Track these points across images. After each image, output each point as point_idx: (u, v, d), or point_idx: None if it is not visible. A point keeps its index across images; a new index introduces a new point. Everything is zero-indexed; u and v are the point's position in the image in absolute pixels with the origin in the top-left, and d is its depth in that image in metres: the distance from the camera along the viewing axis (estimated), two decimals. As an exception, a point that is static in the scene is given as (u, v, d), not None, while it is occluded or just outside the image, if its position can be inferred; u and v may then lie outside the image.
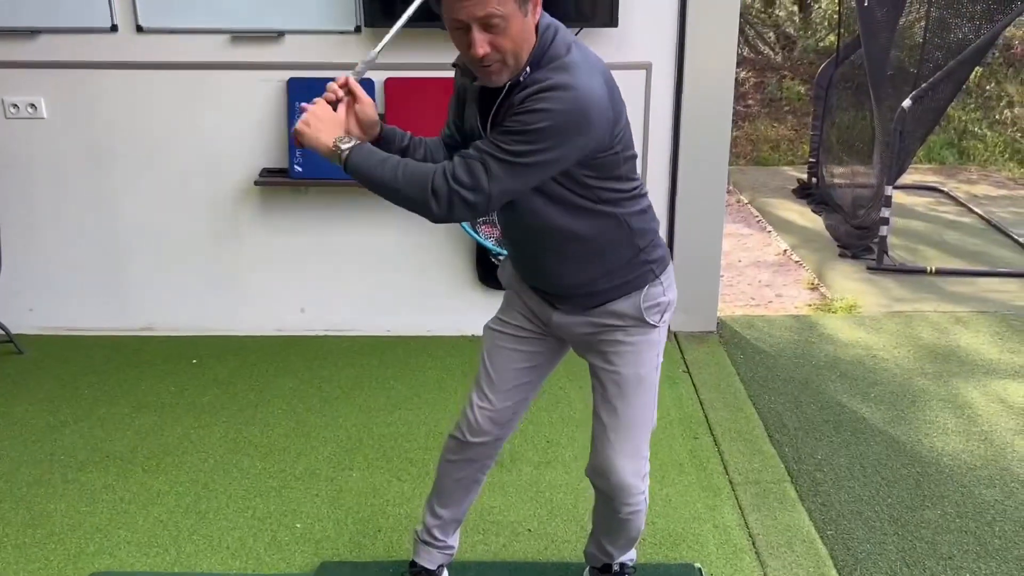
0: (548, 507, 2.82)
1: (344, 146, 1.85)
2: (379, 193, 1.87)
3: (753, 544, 2.64)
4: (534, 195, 1.88)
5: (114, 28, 3.75)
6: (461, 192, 1.78)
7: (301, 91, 3.76)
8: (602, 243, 1.96)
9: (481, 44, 1.73)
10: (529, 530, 2.71)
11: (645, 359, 2.06)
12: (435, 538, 2.34)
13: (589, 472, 2.15)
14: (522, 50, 1.77)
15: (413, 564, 2.39)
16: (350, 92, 1.92)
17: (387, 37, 1.96)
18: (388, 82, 3.75)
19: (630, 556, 2.35)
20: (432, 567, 2.36)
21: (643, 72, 3.80)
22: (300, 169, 3.82)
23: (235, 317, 4.14)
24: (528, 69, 1.80)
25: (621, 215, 1.96)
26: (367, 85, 3.70)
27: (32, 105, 3.88)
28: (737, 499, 2.86)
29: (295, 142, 1.98)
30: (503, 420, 2.19)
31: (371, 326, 4.08)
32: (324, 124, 1.88)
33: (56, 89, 3.86)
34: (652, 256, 2.03)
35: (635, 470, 2.08)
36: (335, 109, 1.91)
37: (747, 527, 2.72)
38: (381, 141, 1.99)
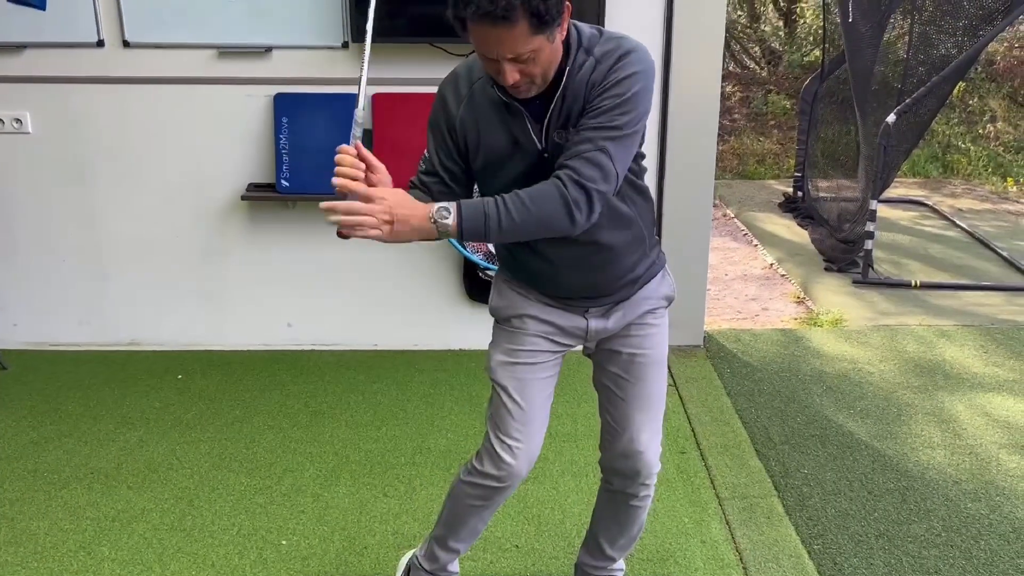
0: (536, 523, 2.81)
1: (446, 218, 1.73)
2: (504, 238, 1.79)
3: (740, 559, 2.64)
4: None
5: (100, 43, 3.75)
6: (599, 187, 1.77)
7: (288, 106, 3.76)
8: (640, 225, 1.99)
9: (511, 74, 1.73)
10: (516, 546, 2.70)
11: (665, 339, 2.13)
12: (447, 571, 2.29)
13: (610, 460, 2.14)
14: (551, 67, 1.78)
15: None
16: (365, 163, 1.81)
17: (361, 91, 1.92)
18: (376, 97, 3.75)
19: (620, 566, 2.34)
20: None
21: (629, 87, 3.81)
22: (287, 184, 3.82)
23: (221, 332, 4.12)
24: (572, 57, 1.80)
25: (646, 189, 2.01)
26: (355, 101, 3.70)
27: (17, 120, 3.86)
28: (724, 514, 2.86)
29: (386, 240, 1.77)
30: (536, 453, 2.10)
31: (358, 341, 4.07)
32: (405, 208, 1.73)
33: (42, 104, 3.85)
34: (657, 236, 2.10)
35: (657, 448, 2.13)
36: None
37: (734, 542, 2.72)
38: None
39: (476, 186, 2.02)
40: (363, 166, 1.80)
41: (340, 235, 1.78)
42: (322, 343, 4.11)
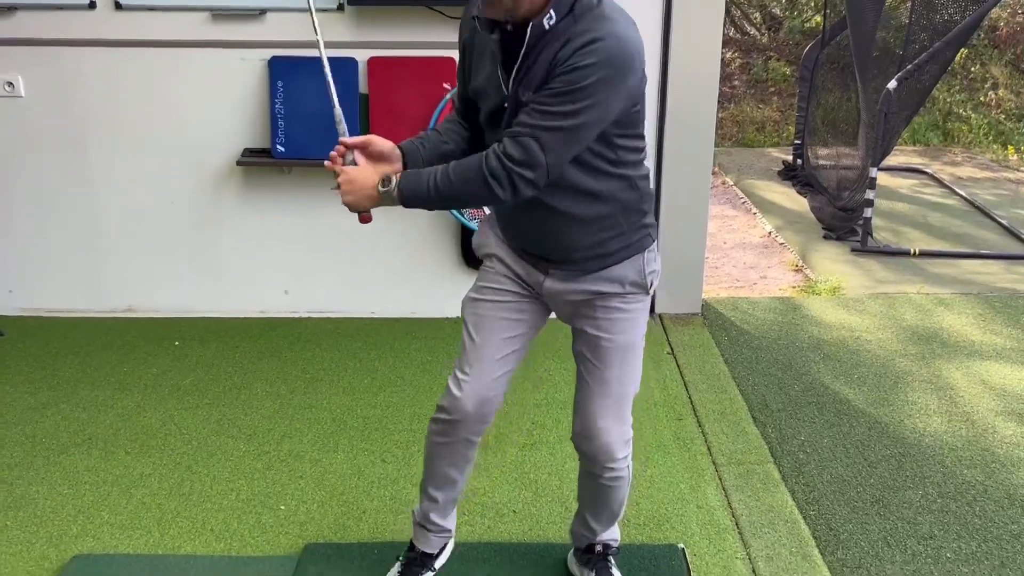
0: (533, 489, 2.82)
1: (388, 186, 1.89)
2: (443, 207, 1.96)
3: (736, 524, 2.65)
4: None
5: (92, 5, 3.69)
6: (518, 171, 1.79)
7: (283, 70, 3.72)
8: (615, 205, 1.98)
9: None
10: (514, 512, 2.71)
11: (639, 326, 2.09)
12: (431, 522, 2.29)
13: (574, 437, 2.15)
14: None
15: (412, 547, 2.34)
16: (355, 148, 1.96)
17: (331, 91, 2.08)
18: (371, 61, 3.71)
19: (614, 536, 2.35)
20: (432, 551, 2.33)
21: (629, 52, 3.77)
22: (283, 149, 3.78)
23: (217, 299, 4.11)
24: (553, 14, 1.77)
25: (633, 177, 1.99)
26: (350, 65, 3.67)
27: (9, 83, 3.82)
28: (720, 480, 2.87)
29: (356, 215, 1.99)
30: (489, 394, 2.09)
31: (355, 308, 4.06)
32: (357, 181, 1.91)
33: (34, 67, 3.81)
34: (649, 221, 2.07)
35: (620, 434, 2.10)
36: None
37: (730, 507, 2.73)
38: (407, 161, 1.99)
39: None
40: (349, 153, 1.97)
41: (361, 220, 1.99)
42: (319, 310, 4.11)
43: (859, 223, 5.20)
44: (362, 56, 3.72)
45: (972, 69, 8.90)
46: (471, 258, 4.00)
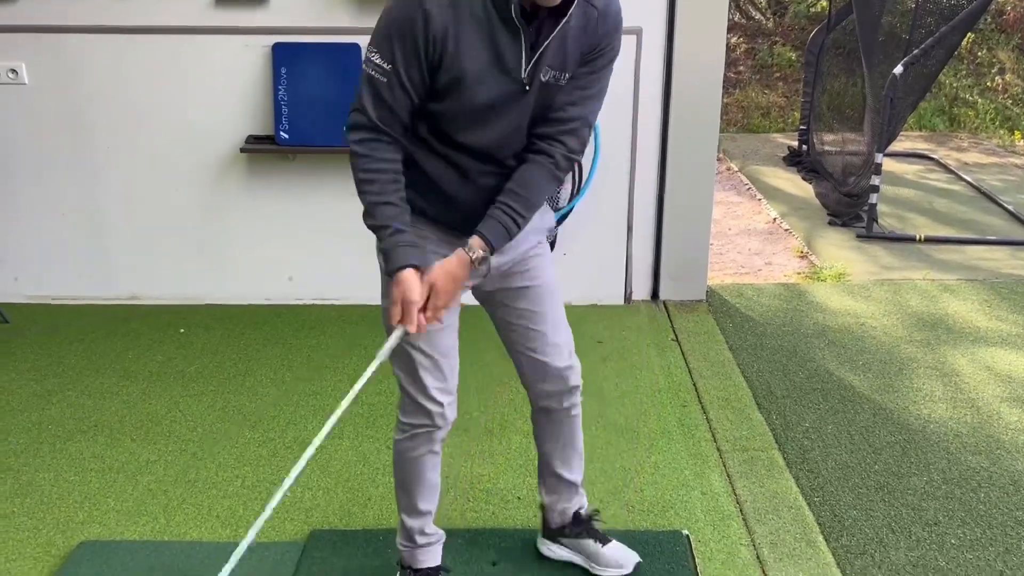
0: (537, 475, 2.82)
1: (486, 264, 1.89)
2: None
3: (740, 511, 2.65)
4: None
5: (95, -9, 3.69)
6: (580, 159, 1.97)
7: (287, 57, 3.71)
8: None
9: None
10: (519, 498, 2.71)
11: (552, 266, 2.18)
12: (428, 535, 2.24)
13: (543, 388, 2.19)
14: None
15: (418, 571, 2.24)
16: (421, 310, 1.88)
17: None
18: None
19: (583, 496, 2.36)
20: (439, 561, 2.27)
21: (633, 37, 3.75)
22: (286, 136, 3.78)
23: (222, 286, 4.11)
24: None
25: None
26: (352, 51, 3.65)
27: (13, 71, 3.81)
28: (725, 466, 2.87)
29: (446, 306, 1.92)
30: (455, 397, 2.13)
31: (359, 295, 4.06)
32: (452, 285, 1.88)
33: (37, 54, 3.80)
34: None
35: (576, 360, 2.21)
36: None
37: (735, 494, 2.73)
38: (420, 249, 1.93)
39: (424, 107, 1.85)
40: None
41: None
42: (323, 297, 4.11)
43: (864, 209, 5.18)
44: (365, 41, 3.69)
45: (979, 54, 8.85)
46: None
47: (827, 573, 2.40)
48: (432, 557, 2.26)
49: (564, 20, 1.77)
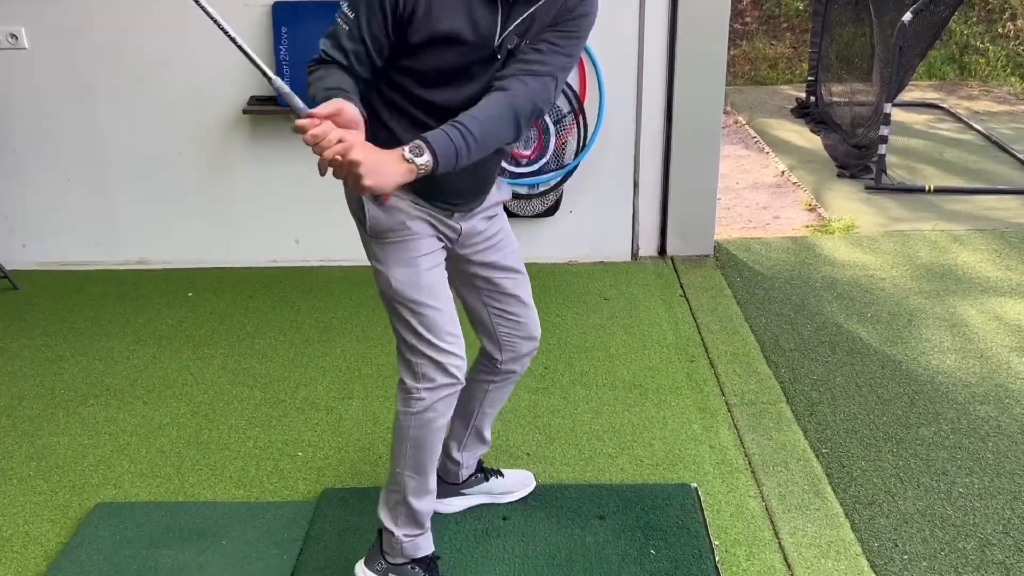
0: (546, 432, 2.84)
1: (422, 159, 1.71)
2: (467, 163, 1.78)
3: (749, 463, 2.67)
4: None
5: (92, -47, 3.64)
6: (543, 110, 1.86)
7: (287, 16, 3.67)
8: None
9: None
10: (528, 454, 2.74)
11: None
12: (429, 516, 2.16)
13: (517, 352, 2.22)
14: None
15: (419, 563, 2.16)
16: (326, 117, 1.69)
17: (255, 59, 1.78)
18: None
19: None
20: (433, 548, 2.21)
21: (638, -10, 3.70)
22: (289, 97, 3.75)
23: (229, 249, 4.12)
24: None
25: None
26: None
27: (13, 35, 3.79)
28: (733, 420, 2.89)
29: (369, 198, 1.84)
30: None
31: (366, 256, 4.05)
32: (381, 162, 1.69)
33: (37, 18, 3.77)
34: None
35: None
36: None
37: (743, 447, 2.75)
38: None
39: (383, 63, 1.84)
40: (324, 125, 1.68)
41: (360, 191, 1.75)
42: (330, 259, 4.11)
43: (873, 160, 5.13)
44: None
45: None
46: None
47: (835, 524, 2.42)
48: (430, 542, 2.19)
49: (538, 2, 1.81)
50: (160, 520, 2.48)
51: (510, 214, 3.98)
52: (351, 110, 1.70)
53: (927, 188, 4.99)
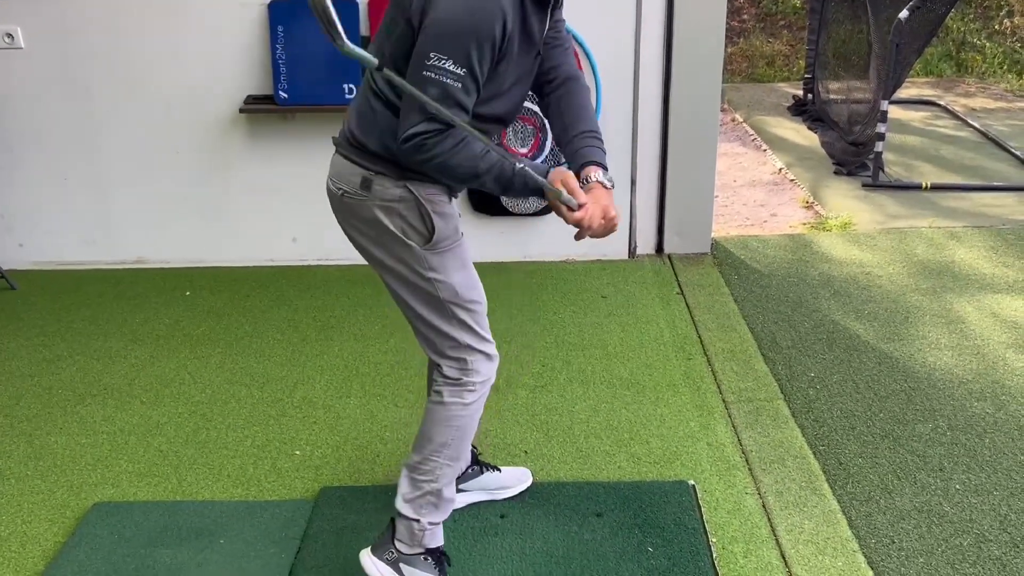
0: (544, 429, 2.85)
1: (610, 179, 1.95)
2: None
3: (746, 460, 2.67)
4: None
5: (88, -48, 3.64)
6: None
7: (283, 15, 3.67)
8: None
9: None
10: (525, 452, 2.74)
11: None
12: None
13: (493, 361, 2.21)
14: None
15: (433, 552, 2.17)
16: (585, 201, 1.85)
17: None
18: (372, 3, 3.65)
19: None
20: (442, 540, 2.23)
21: (634, -13, 3.70)
22: (285, 95, 3.75)
23: (226, 248, 4.12)
24: None
25: None
26: (350, 7, 3.61)
27: (9, 35, 3.78)
28: (730, 417, 2.89)
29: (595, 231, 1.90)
30: None
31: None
32: (612, 204, 1.90)
33: (33, 17, 3.76)
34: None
35: None
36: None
37: (740, 444, 2.75)
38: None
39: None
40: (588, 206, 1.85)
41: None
42: (328, 258, 4.11)
43: (870, 158, 5.14)
44: (362, -2, 3.66)
45: (987, -4, 8.70)
46: (481, 203, 3.98)
47: (833, 520, 2.42)
48: (442, 534, 2.20)
49: None
50: (158, 519, 2.48)
51: (507, 212, 3.99)
52: (567, 173, 1.86)
53: (924, 185, 5.00)
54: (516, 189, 1.84)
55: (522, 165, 1.80)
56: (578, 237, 1.88)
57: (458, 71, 1.71)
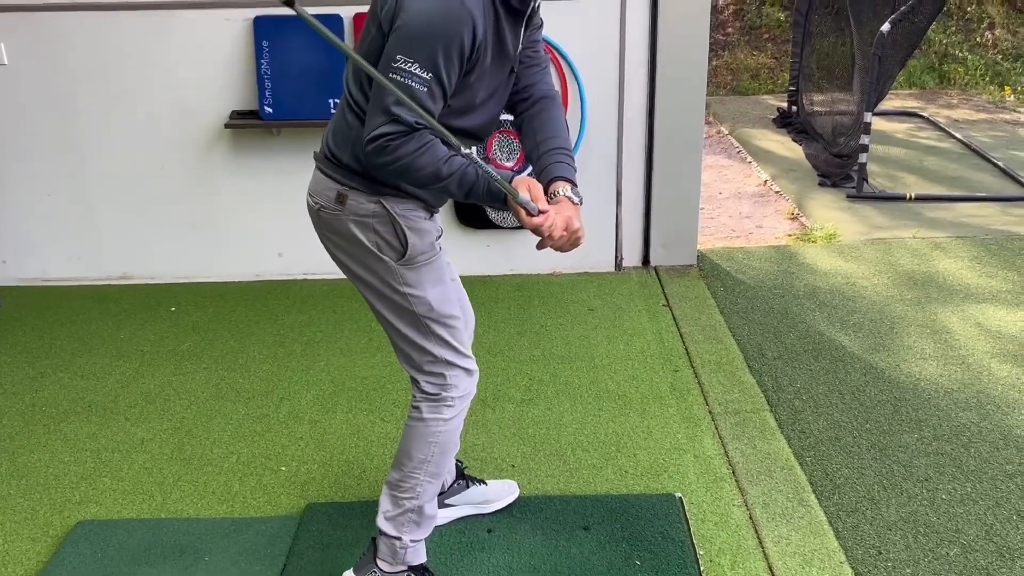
0: (531, 443, 2.84)
1: (576, 193, 1.92)
2: None
3: (733, 472, 2.67)
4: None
5: (72, -32, 3.64)
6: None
7: (268, 30, 3.67)
8: None
9: None
10: (512, 466, 2.73)
11: None
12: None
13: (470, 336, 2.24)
14: None
15: (416, 569, 2.17)
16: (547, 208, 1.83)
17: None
18: (357, 17, 3.66)
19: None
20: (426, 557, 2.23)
21: (617, 2, 3.72)
22: (270, 110, 3.75)
23: (212, 263, 4.10)
24: None
25: None
26: (334, 22, 3.62)
27: (-8, 51, 3.77)
28: (717, 429, 2.89)
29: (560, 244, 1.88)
30: None
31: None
32: (578, 218, 1.87)
33: (17, 33, 3.76)
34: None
35: None
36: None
37: (727, 456, 2.75)
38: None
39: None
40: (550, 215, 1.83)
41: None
42: (314, 272, 4.10)
43: (854, 169, 5.17)
44: (347, 12, 3.67)
45: (968, 9, 8.79)
46: (467, 216, 3.99)
47: (819, 532, 2.43)
48: (425, 550, 2.20)
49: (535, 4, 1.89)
50: (142, 537, 2.46)
51: (493, 225, 3.99)
52: (532, 180, 1.84)
53: (908, 196, 5.03)
54: (479, 194, 1.82)
55: (491, 172, 1.76)
56: (539, 246, 1.86)
57: (424, 75, 1.72)
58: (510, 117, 2.07)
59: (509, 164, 3.85)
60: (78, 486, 2.71)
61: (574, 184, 1.91)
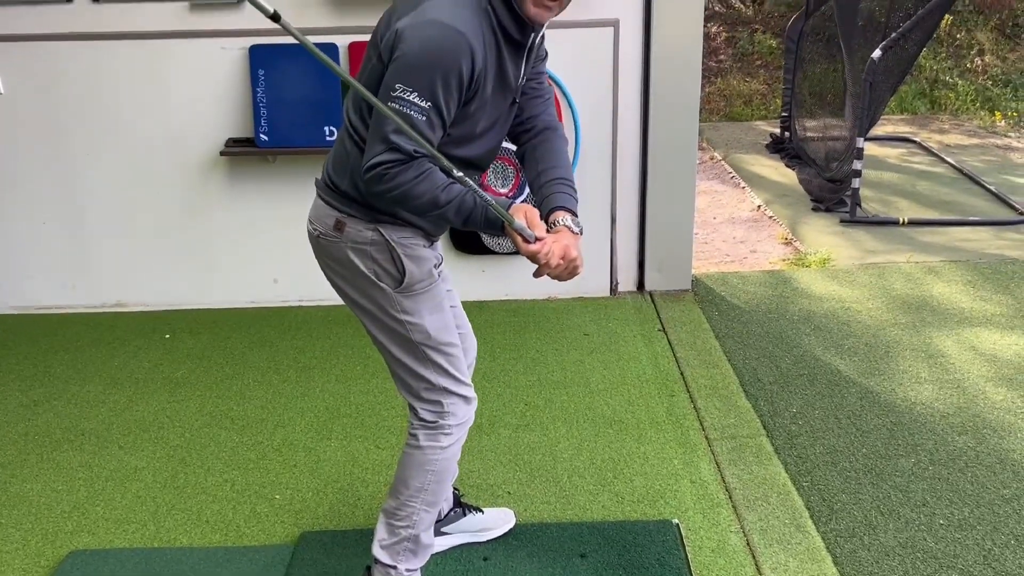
0: (527, 470, 2.83)
1: (576, 223, 1.95)
2: None
3: (730, 498, 2.66)
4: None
5: (69, -2, 3.66)
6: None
7: (264, 58, 3.69)
8: None
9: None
10: (508, 492, 2.72)
11: None
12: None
13: (469, 362, 2.26)
14: None
15: None
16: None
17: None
18: (352, 47, 3.68)
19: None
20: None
21: (610, 29, 3.75)
22: (266, 138, 3.76)
23: (207, 290, 4.10)
24: None
25: None
26: (330, 51, 3.64)
27: (-12, 80, 3.79)
28: (713, 454, 2.88)
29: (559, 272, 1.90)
30: None
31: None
32: (577, 247, 1.90)
33: (13, 63, 3.77)
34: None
35: None
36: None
37: (724, 481, 2.74)
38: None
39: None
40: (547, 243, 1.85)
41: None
42: (309, 299, 4.10)
43: (847, 194, 5.19)
44: (342, 41, 3.69)
45: (957, 35, 8.88)
46: (462, 242, 3.99)
47: (817, 558, 2.41)
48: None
49: (542, 30, 1.90)
50: (135, 567, 2.44)
51: (489, 251, 4.00)
52: (529, 207, 1.85)
53: (901, 221, 5.05)
54: (477, 221, 1.84)
55: (488, 199, 1.78)
56: (536, 274, 1.87)
57: (422, 104, 1.73)
58: (506, 144, 2.08)
59: (504, 190, 3.86)
60: (71, 515, 2.69)
61: (575, 214, 1.93)
